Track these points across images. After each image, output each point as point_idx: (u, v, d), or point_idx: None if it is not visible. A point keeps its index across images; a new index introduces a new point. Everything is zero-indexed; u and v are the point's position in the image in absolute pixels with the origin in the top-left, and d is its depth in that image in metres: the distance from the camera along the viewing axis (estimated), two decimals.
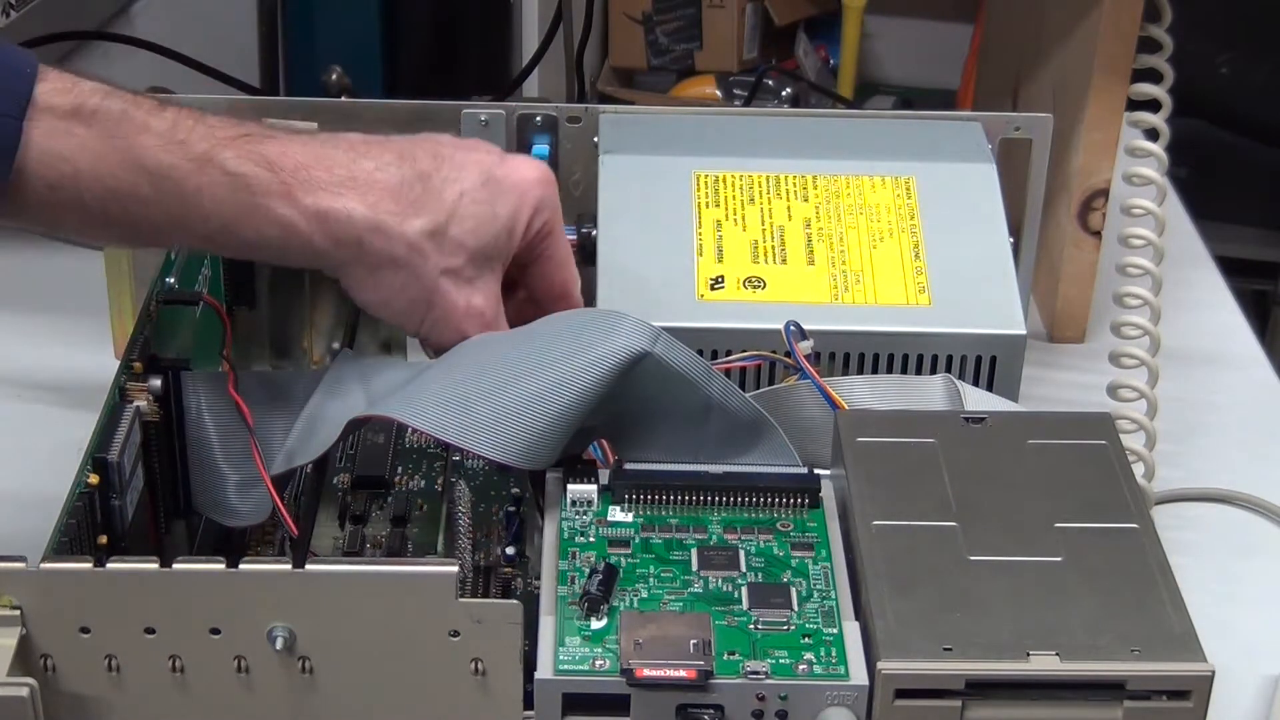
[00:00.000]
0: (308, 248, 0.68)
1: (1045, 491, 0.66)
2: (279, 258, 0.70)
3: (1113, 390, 0.88)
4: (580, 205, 0.87)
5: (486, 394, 0.66)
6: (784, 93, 1.87)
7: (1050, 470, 0.67)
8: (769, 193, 0.83)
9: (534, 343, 0.68)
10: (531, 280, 0.75)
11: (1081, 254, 0.99)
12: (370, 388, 0.71)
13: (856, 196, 0.83)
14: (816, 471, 0.68)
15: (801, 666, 0.60)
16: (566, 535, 0.66)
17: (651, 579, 0.64)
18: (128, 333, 0.85)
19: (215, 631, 0.59)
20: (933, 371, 0.77)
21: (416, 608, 0.59)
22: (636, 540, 0.66)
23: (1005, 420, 0.70)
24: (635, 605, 0.62)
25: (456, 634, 0.59)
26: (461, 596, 0.59)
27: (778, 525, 0.67)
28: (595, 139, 0.87)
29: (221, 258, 0.82)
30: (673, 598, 0.63)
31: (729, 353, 0.77)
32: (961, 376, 0.77)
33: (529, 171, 0.72)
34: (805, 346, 0.73)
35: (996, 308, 0.79)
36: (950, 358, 0.78)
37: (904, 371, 0.78)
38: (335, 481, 0.80)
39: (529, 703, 0.60)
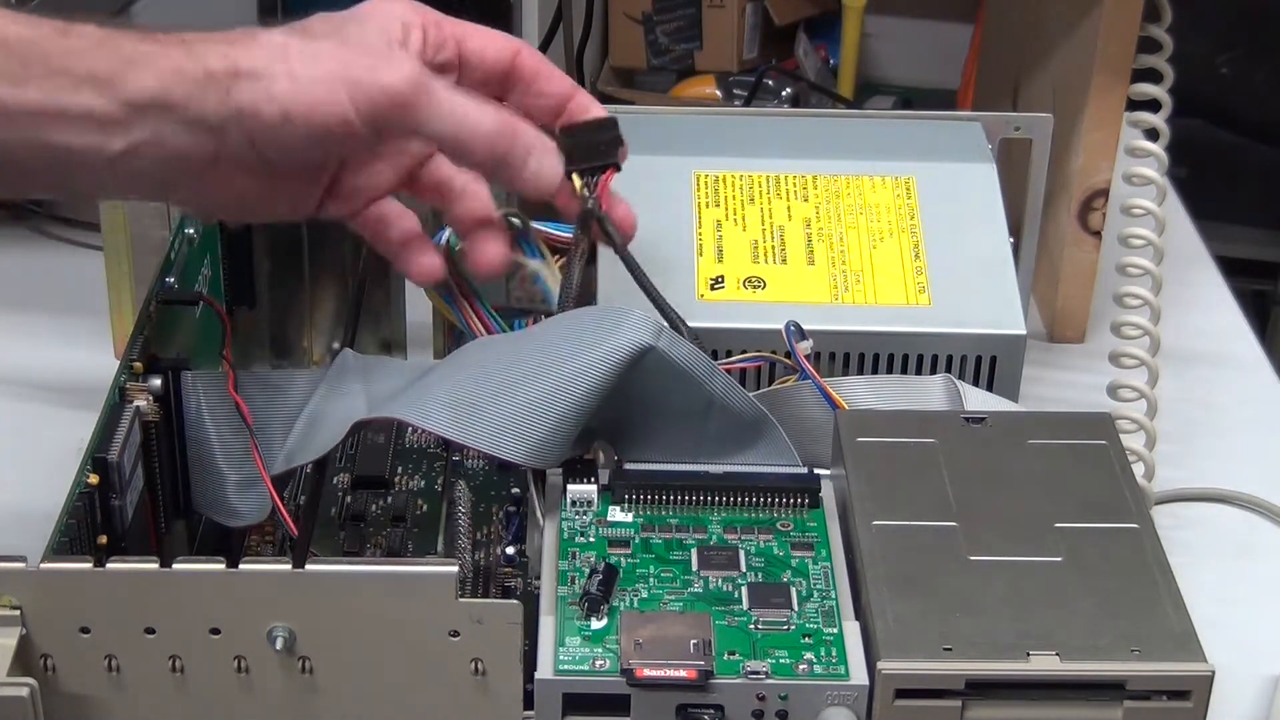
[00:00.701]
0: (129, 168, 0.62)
1: (1045, 491, 0.66)
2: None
3: (1113, 390, 0.88)
4: None
5: (495, 394, 0.66)
6: (784, 93, 1.87)
7: (1050, 470, 0.67)
8: (769, 193, 0.83)
9: (540, 342, 0.68)
10: (476, 60, 0.71)
11: (1081, 254, 0.99)
12: (371, 388, 0.71)
13: (856, 196, 0.83)
14: (816, 471, 0.68)
15: (801, 666, 0.60)
16: (566, 535, 0.66)
17: (651, 579, 0.64)
18: (128, 333, 0.84)
19: (215, 631, 0.59)
20: (933, 371, 0.77)
21: (416, 608, 0.59)
22: (636, 540, 0.66)
23: (1005, 420, 0.70)
24: (635, 605, 0.62)
25: (456, 634, 0.59)
26: (461, 596, 0.59)
27: (778, 525, 0.67)
28: None
29: (220, 257, 0.82)
30: (673, 598, 0.63)
31: (729, 353, 0.76)
32: (961, 376, 0.77)
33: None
34: (805, 347, 0.73)
35: (996, 308, 0.79)
36: (950, 358, 0.78)
37: (904, 371, 0.78)
38: (335, 481, 0.80)
39: (529, 703, 0.60)
